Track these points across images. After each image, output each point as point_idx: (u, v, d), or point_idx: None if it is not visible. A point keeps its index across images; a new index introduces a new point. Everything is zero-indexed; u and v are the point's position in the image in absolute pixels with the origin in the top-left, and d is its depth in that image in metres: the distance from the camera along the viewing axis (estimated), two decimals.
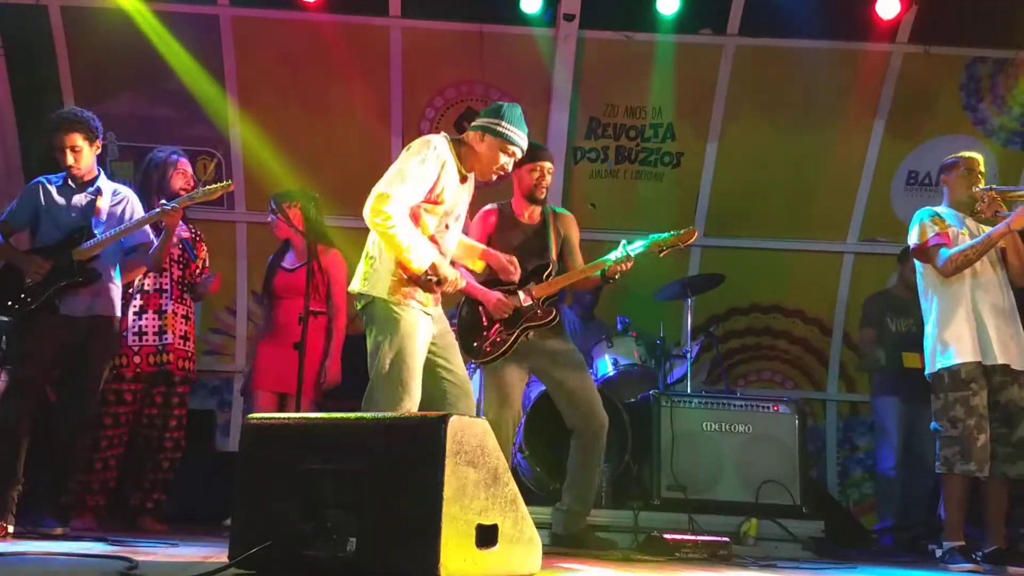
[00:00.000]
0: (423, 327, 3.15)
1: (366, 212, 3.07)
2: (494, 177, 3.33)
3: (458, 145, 3.28)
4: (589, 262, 3.95)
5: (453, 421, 2.23)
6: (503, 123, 3.26)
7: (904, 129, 6.18)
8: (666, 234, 3.81)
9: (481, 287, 3.86)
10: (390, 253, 3.12)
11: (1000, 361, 3.80)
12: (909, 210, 4.35)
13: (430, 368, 3.19)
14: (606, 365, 5.05)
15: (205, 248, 4.57)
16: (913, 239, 4.02)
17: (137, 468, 4.33)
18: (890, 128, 6.15)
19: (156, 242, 4.02)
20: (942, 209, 4.08)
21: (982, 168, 4.04)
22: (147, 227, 3.97)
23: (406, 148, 3.21)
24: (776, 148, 6.22)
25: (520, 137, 3.30)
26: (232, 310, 6.39)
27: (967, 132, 6.15)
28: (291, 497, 2.33)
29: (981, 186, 3.95)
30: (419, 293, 3.16)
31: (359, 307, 3.21)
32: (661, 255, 3.83)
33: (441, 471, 2.14)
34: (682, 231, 3.80)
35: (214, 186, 3.87)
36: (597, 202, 5.64)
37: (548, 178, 3.98)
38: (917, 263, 4.06)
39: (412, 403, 3.06)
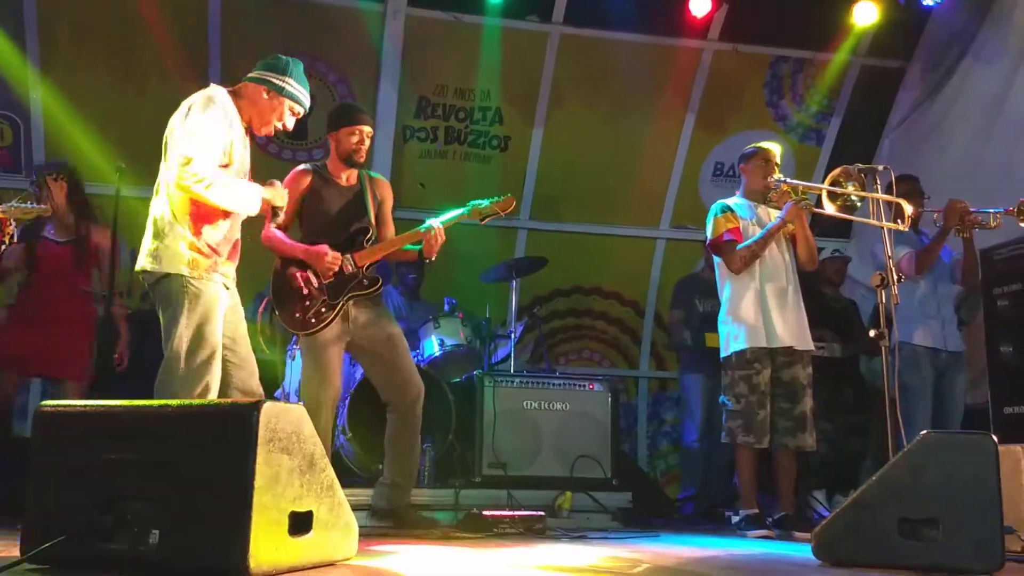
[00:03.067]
0: (223, 302, 3.01)
1: (173, 179, 2.91)
2: (272, 131, 3.23)
3: (235, 97, 3.13)
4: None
5: (267, 408, 2.18)
6: (289, 80, 3.18)
7: (712, 123, 6.55)
8: (485, 201, 3.81)
9: (304, 245, 3.68)
10: (185, 227, 2.97)
11: (784, 343, 4.12)
12: (715, 199, 4.65)
13: None
14: (432, 345, 5.08)
15: (12, 223, 4.22)
16: (708, 234, 4.32)
17: None
18: (700, 121, 6.52)
19: None
20: (734, 201, 4.35)
21: (777, 159, 4.33)
22: None
23: (188, 106, 3.01)
24: (597, 136, 6.43)
25: (305, 96, 3.24)
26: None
27: (769, 127, 6.59)
28: (89, 488, 2.21)
29: (775, 176, 4.22)
30: (222, 264, 3.03)
31: (148, 286, 3.03)
32: (483, 222, 3.83)
33: (252, 460, 2.09)
34: (501, 198, 3.81)
35: (31, 207, 3.78)
36: (426, 182, 5.63)
37: (367, 142, 3.84)
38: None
39: (212, 386, 2.92)
